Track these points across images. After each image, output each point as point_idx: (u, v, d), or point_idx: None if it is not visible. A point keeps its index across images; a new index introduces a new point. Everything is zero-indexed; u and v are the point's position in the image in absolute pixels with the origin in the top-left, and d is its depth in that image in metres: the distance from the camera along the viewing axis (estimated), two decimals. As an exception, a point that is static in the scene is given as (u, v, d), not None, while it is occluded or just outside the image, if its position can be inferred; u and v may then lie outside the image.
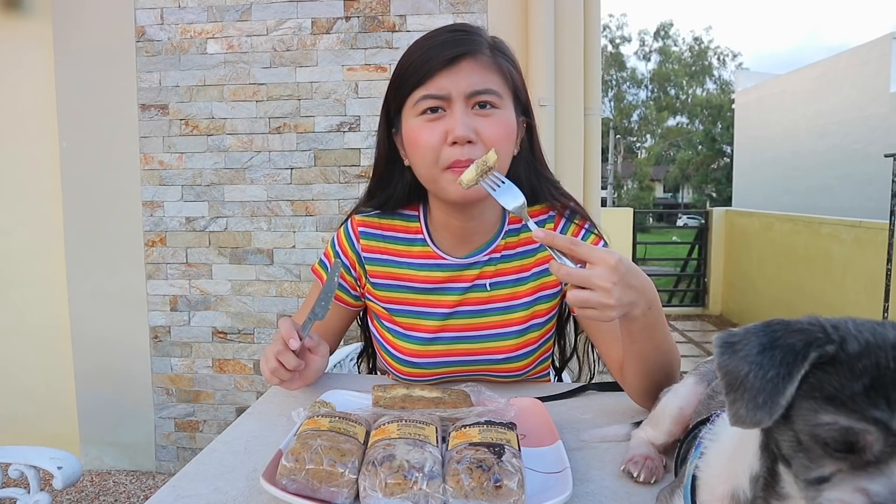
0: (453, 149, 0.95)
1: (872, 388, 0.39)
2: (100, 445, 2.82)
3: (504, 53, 1.02)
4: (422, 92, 0.97)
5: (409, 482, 0.64)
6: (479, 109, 0.97)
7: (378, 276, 1.10)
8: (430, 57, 0.96)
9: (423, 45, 0.99)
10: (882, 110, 10.06)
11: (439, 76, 0.96)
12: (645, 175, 33.64)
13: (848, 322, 0.43)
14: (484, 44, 0.99)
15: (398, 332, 1.09)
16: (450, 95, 0.96)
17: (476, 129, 0.96)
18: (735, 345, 0.44)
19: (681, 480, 0.59)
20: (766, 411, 0.41)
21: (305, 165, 2.65)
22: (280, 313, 2.72)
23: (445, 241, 1.09)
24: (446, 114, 0.97)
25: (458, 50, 0.96)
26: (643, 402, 0.94)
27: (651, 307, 0.81)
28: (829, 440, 0.40)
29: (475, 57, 0.97)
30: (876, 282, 4.03)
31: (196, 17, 2.63)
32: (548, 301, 1.08)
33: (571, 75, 2.52)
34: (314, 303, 0.99)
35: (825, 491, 0.41)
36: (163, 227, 2.73)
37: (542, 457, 0.77)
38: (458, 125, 0.94)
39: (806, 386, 0.41)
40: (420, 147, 0.98)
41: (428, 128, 0.97)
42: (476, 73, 0.96)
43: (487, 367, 1.09)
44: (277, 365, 0.94)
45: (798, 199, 11.77)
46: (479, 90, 0.96)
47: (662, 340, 0.87)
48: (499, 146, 0.95)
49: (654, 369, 0.89)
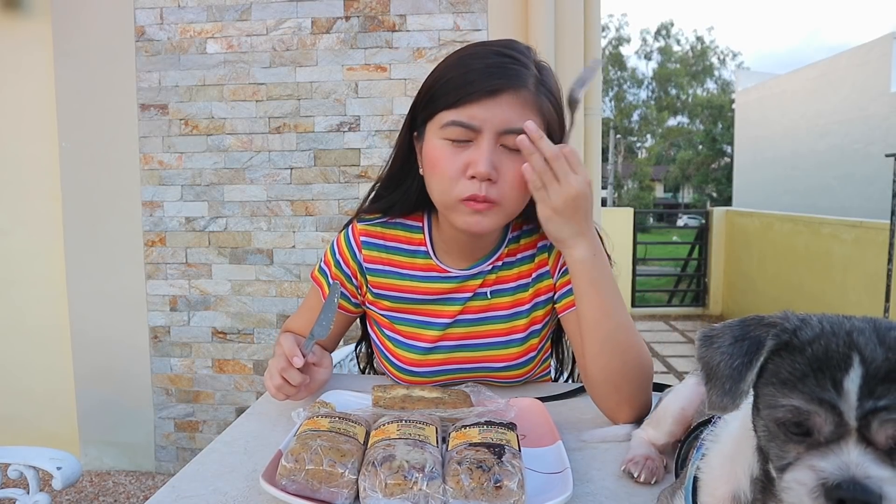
0: (472, 183, 0.92)
1: (820, 370, 0.41)
2: (99, 446, 2.82)
3: (548, 88, 0.96)
4: (452, 116, 0.92)
5: (409, 482, 0.64)
6: (507, 148, 0.92)
7: (380, 286, 1.09)
8: (469, 80, 0.91)
9: (466, 63, 0.93)
10: (882, 110, 10.06)
11: (475, 105, 0.90)
12: (645, 175, 33.64)
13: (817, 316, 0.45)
14: (530, 77, 0.93)
15: (399, 340, 1.09)
16: (481, 128, 0.91)
17: (499, 168, 0.92)
18: (713, 338, 0.48)
19: (682, 481, 0.59)
20: (731, 397, 0.45)
21: (305, 165, 2.65)
22: (280, 313, 2.72)
23: (450, 254, 1.07)
24: (472, 144, 0.92)
25: (501, 83, 0.90)
26: (602, 398, 0.93)
27: (596, 256, 0.91)
28: (787, 423, 0.43)
29: (517, 92, 0.91)
30: (876, 282, 4.03)
31: (196, 17, 2.63)
32: (543, 306, 1.08)
33: (571, 75, 2.51)
34: (316, 321, 0.98)
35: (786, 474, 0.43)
36: (162, 227, 2.73)
37: (543, 457, 0.77)
38: (482, 161, 0.90)
39: (767, 373, 0.45)
40: (438, 171, 0.95)
41: (450, 153, 0.93)
42: (514, 110, 0.91)
43: (487, 374, 1.09)
44: (282, 382, 0.93)
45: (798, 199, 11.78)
46: (513, 129, 0.90)
47: (614, 309, 0.91)
48: (519, 189, 0.94)
49: (607, 347, 0.90)
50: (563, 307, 1.04)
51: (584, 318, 0.92)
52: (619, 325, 0.91)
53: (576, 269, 0.92)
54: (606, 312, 0.90)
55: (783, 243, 5.75)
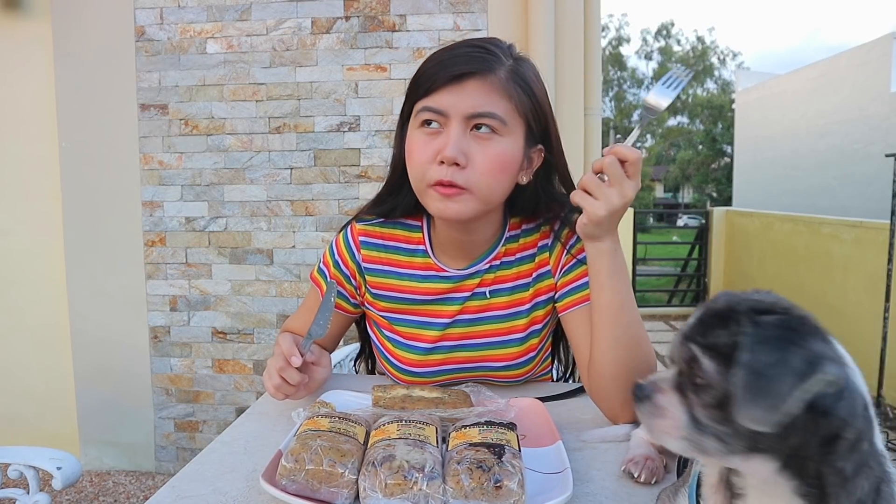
0: (440, 168, 0.93)
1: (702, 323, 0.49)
2: (99, 446, 2.82)
3: (523, 79, 0.97)
4: (424, 103, 0.95)
5: (409, 482, 0.64)
6: (478, 132, 0.94)
7: (378, 286, 1.09)
8: (437, 70, 0.94)
9: (438, 56, 0.97)
10: (882, 110, 10.06)
11: (442, 92, 0.93)
12: (645, 175, 33.52)
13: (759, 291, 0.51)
14: (501, 65, 0.95)
15: (398, 341, 1.09)
16: (448, 113, 0.93)
17: (468, 153, 0.93)
18: None
19: (685, 479, 0.59)
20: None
21: (305, 165, 2.65)
22: (280, 313, 2.72)
23: (447, 253, 1.08)
24: (443, 131, 0.94)
25: (466, 68, 0.93)
26: (607, 396, 0.92)
27: (617, 249, 0.91)
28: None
29: (484, 78, 0.93)
30: (876, 282, 4.03)
31: (196, 17, 2.63)
32: (544, 306, 1.08)
33: (571, 75, 2.52)
34: (313, 320, 0.98)
35: None
36: (162, 227, 2.73)
37: (543, 457, 0.77)
38: (449, 145, 0.92)
39: None
40: (413, 158, 0.97)
41: (423, 141, 0.95)
42: (481, 95, 0.93)
43: (487, 373, 1.09)
44: (281, 381, 0.93)
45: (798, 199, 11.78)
46: (480, 113, 0.92)
47: (629, 302, 0.91)
48: (489, 175, 0.94)
49: (627, 344, 0.90)
50: (563, 307, 1.04)
51: (602, 310, 0.91)
52: (634, 319, 0.91)
53: (599, 260, 0.91)
54: (623, 305, 0.90)
55: (783, 243, 5.74)
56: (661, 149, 35.00)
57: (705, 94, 34.44)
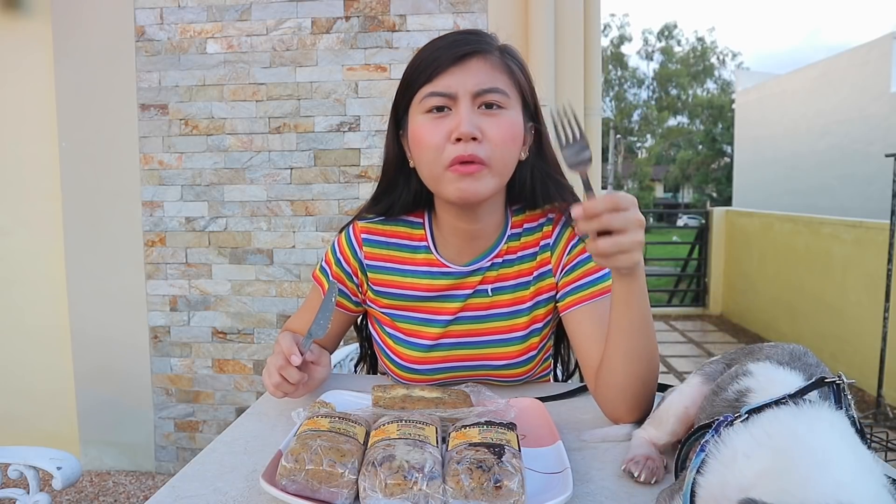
0: (457, 146, 0.94)
1: None
2: (99, 446, 2.82)
3: (514, 57, 1.02)
4: (429, 89, 0.96)
5: (409, 482, 0.64)
6: (486, 109, 0.96)
7: (380, 283, 1.09)
8: (438, 55, 0.97)
9: (432, 45, 1.00)
10: (882, 110, 10.05)
11: (447, 74, 0.96)
12: (645, 175, 33.62)
13: None
14: (493, 46, 0.99)
15: (400, 338, 1.09)
16: (456, 94, 0.95)
17: (481, 128, 0.95)
18: None
19: (681, 485, 0.59)
20: None
21: (305, 165, 2.65)
22: (280, 313, 2.72)
23: (450, 248, 1.08)
24: (452, 112, 0.96)
25: (467, 48, 0.96)
26: (615, 402, 0.90)
27: (640, 262, 0.82)
28: None
29: (484, 56, 0.97)
30: (876, 282, 4.03)
31: (196, 17, 2.63)
32: (545, 305, 1.08)
33: (571, 75, 2.52)
34: (313, 320, 0.98)
35: None
36: (162, 227, 2.73)
37: (543, 457, 0.77)
38: (464, 122, 0.93)
39: None
40: (424, 145, 0.97)
41: (433, 125, 0.96)
42: (484, 72, 0.96)
43: (488, 372, 1.09)
44: (281, 380, 0.93)
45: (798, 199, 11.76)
46: (487, 89, 0.95)
47: (649, 317, 0.87)
48: (503, 147, 0.96)
49: (641, 355, 0.87)
50: (565, 306, 1.04)
51: (630, 322, 0.86)
52: (651, 333, 0.88)
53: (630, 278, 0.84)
54: (647, 318, 0.87)
55: (783, 243, 5.74)
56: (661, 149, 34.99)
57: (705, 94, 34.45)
